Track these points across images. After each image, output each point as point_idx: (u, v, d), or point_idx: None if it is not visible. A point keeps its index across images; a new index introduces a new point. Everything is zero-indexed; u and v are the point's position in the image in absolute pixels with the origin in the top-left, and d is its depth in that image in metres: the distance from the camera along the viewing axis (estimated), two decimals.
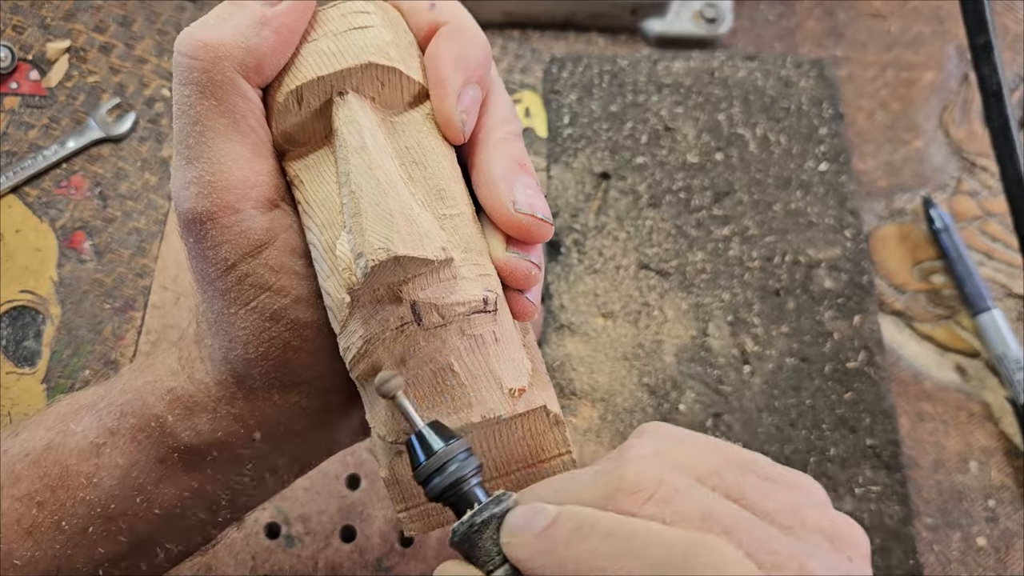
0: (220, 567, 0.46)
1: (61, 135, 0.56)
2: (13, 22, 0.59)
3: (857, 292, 0.53)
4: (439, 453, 0.27)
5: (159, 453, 0.31)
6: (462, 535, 0.26)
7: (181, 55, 0.28)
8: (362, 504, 0.48)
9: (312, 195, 0.29)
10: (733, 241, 0.54)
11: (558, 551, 0.24)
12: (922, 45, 0.63)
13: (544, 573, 0.24)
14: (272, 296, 0.29)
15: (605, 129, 0.57)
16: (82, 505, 0.31)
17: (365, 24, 0.29)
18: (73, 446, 0.31)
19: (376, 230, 0.26)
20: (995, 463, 0.50)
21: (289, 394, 0.31)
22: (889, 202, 0.58)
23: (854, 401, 0.50)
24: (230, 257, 0.29)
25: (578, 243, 0.54)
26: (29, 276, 0.53)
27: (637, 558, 0.23)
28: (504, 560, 0.26)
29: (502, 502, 0.27)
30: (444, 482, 0.27)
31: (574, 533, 0.24)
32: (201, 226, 0.28)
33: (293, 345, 0.30)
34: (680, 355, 0.51)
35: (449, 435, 0.27)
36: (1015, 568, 0.48)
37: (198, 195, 0.28)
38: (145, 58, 0.59)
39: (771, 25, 0.63)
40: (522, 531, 0.25)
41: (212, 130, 0.28)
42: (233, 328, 0.30)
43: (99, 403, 0.32)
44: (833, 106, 0.58)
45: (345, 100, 0.29)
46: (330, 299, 0.29)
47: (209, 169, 0.28)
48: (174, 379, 0.32)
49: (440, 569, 0.27)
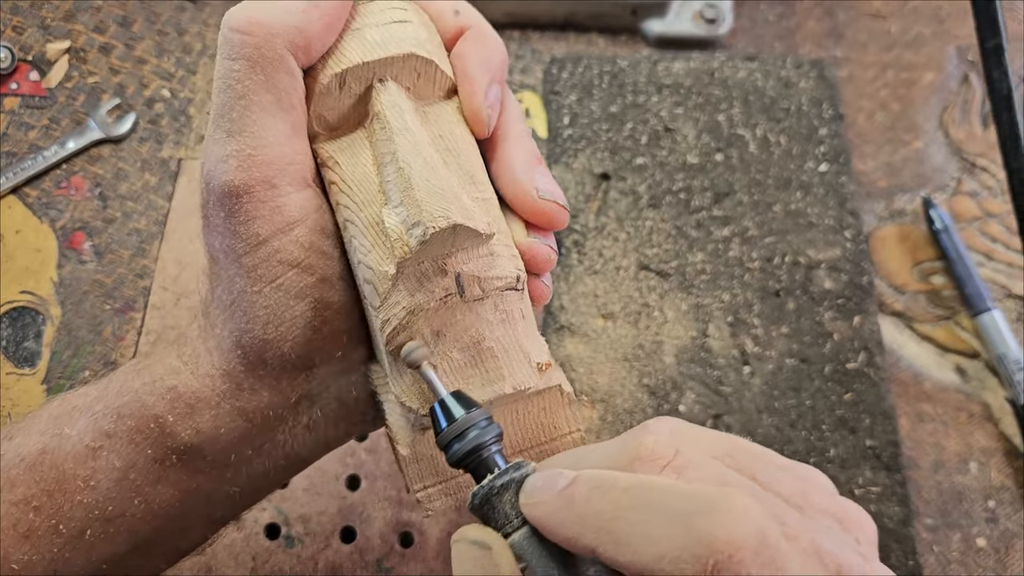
0: (220, 567, 0.46)
1: (61, 136, 0.56)
2: (13, 23, 0.59)
3: (857, 293, 0.53)
4: (460, 420, 0.28)
5: (157, 454, 0.31)
6: (482, 498, 0.27)
7: (232, 31, 0.29)
8: (362, 505, 0.48)
9: (349, 175, 0.31)
10: (733, 242, 0.54)
11: (577, 507, 0.24)
12: (922, 46, 0.63)
13: (563, 531, 0.25)
14: (299, 274, 0.30)
15: (605, 130, 0.57)
16: (79, 508, 0.31)
17: (404, 19, 0.31)
18: (69, 450, 0.31)
19: (432, 202, 0.28)
20: (995, 464, 0.50)
21: (297, 380, 0.32)
22: (889, 203, 0.58)
23: (854, 402, 0.50)
24: (262, 232, 0.29)
25: (578, 244, 0.54)
26: (29, 277, 0.53)
27: (658, 509, 0.23)
28: (523, 523, 0.26)
29: (521, 468, 0.27)
30: (464, 448, 0.28)
31: (594, 490, 0.24)
32: (236, 199, 0.29)
33: (313, 325, 0.31)
34: (680, 356, 0.51)
35: (471, 403, 0.28)
36: (1015, 569, 0.48)
37: (237, 168, 0.29)
38: (145, 59, 0.59)
39: (771, 25, 0.63)
40: (541, 492, 0.26)
41: (258, 105, 0.29)
42: (254, 307, 0.30)
43: (94, 405, 0.32)
44: (833, 107, 0.58)
45: (385, 86, 0.31)
46: (371, 273, 0.30)
47: (251, 143, 0.29)
48: (175, 377, 0.32)
49: (459, 532, 0.27)
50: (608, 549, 0.23)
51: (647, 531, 0.23)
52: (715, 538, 0.22)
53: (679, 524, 0.22)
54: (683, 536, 0.22)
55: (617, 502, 0.24)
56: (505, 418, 0.32)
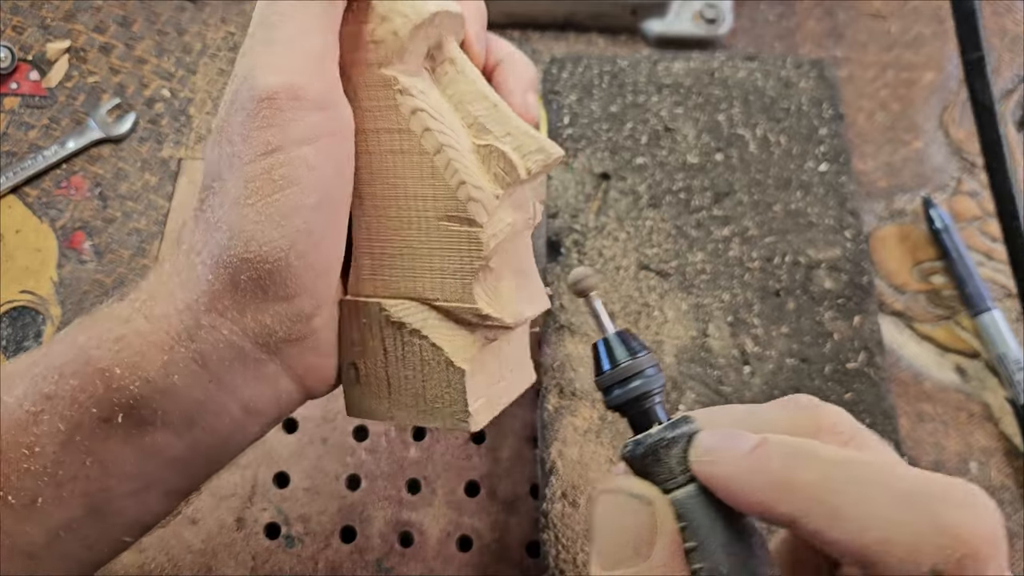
0: (220, 567, 0.46)
1: (61, 135, 0.56)
2: (13, 22, 0.59)
3: (857, 293, 0.53)
4: (627, 364, 0.27)
5: (103, 412, 0.30)
6: (649, 448, 0.26)
7: None
8: (362, 504, 0.48)
9: (435, 105, 0.33)
10: (733, 242, 0.54)
11: (775, 472, 0.23)
12: (922, 45, 0.63)
13: (752, 494, 0.23)
14: (298, 192, 0.30)
15: (605, 129, 0.57)
16: (27, 476, 0.29)
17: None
18: (7, 417, 0.30)
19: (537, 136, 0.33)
20: (995, 463, 0.50)
21: (262, 313, 0.31)
22: (889, 202, 0.58)
23: (854, 402, 0.50)
24: (273, 141, 0.30)
25: (578, 243, 0.54)
26: (29, 276, 0.53)
27: (885, 489, 0.22)
28: (689, 480, 0.25)
29: (690, 422, 0.26)
30: (629, 395, 0.27)
31: (793, 457, 0.23)
32: (258, 103, 0.30)
33: (297, 250, 0.30)
34: (680, 356, 0.51)
35: (638, 346, 0.28)
36: (1015, 568, 0.48)
37: (266, 72, 0.30)
38: (145, 59, 0.59)
39: (771, 25, 0.63)
40: (721, 451, 0.24)
41: (296, 20, 0.30)
42: (243, 221, 0.30)
43: (33, 368, 0.31)
44: (833, 107, 0.58)
45: (450, 38, 0.34)
46: (480, 192, 0.32)
47: (284, 52, 0.30)
48: (124, 326, 0.31)
49: (613, 482, 0.26)
50: (817, 521, 0.22)
51: (875, 510, 0.22)
52: (964, 529, 0.21)
53: (917, 509, 0.21)
54: (925, 523, 0.21)
55: (829, 474, 0.22)
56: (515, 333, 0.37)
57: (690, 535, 0.24)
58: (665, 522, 0.24)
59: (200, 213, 0.31)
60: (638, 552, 0.24)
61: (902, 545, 0.21)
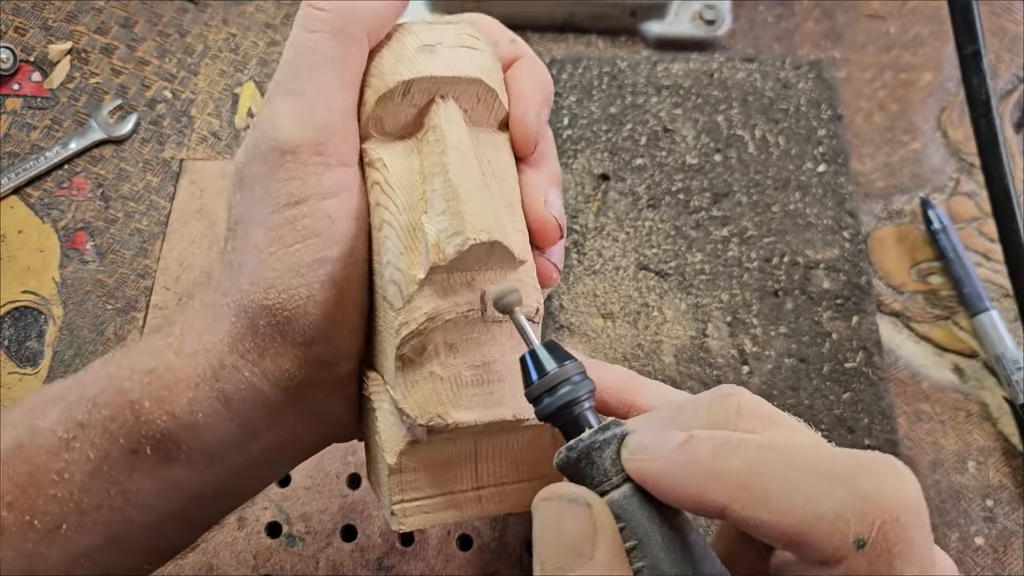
0: (221, 566, 0.46)
1: (63, 136, 0.57)
2: (15, 24, 0.60)
3: (855, 293, 0.53)
4: (553, 373, 0.27)
5: (131, 444, 0.31)
6: (581, 452, 0.26)
7: (317, 8, 0.30)
8: (363, 503, 0.48)
9: (395, 178, 0.31)
10: (732, 242, 0.54)
11: (703, 464, 0.24)
12: (920, 46, 0.63)
13: (684, 488, 0.24)
14: (319, 243, 0.30)
15: (604, 131, 0.57)
16: (54, 502, 0.30)
17: (476, 47, 0.33)
18: (41, 442, 0.30)
19: (476, 215, 0.29)
20: (993, 463, 0.51)
21: (282, 357, 0.31)
22: (887, 203, 0.58)
23: (852, 401, 0.50)
24: (296, 193, 0.30)
25: (578, 244, 0.54)
26: (31, 277, 0.53)
27: (806, 468, 0.22)
28: (623, 480, 0.25)
29: (620, 425, 0.27)
30: (556, 402, 0.27)
31: (722, 447, 0.24)
32: (281, 156, 0.30)
33: (316, 300, 0.30)
34: (679, 356, 0.51)
35: (564, 356, 0.28)
36: (1013, 568, 0.48)
37: (291, 124, 0.30)
38: (147, 60, 0.60)
39: (770, 27, 0.64)
40: (652, 448, 0.25)
41: (326, 75, 0.30)
42: (263, 268, 0.30)
43: (68, 395, 0.31)
44: (831, 107, 0.59)
45: (446, 103, 0.32)
46: (399, 275, 0.30)
47: (310, 105, 0.30)
48: (156, 359, 0.31)
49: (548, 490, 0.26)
50: (746, 507, 0.23)
51: (798, 489, 0.22)
52: (884, 497, 0.21)
53: (838, 483, 0.22)
54: (846, 495, 0.22)
55: (754, 459, 0.23)
56: (492, 445, 0.32)
57: (629, 534, 0.25)
58: (604, 523, 0.25)
59: (224, 255, 0.32)
60: (580, 555, 0.25)
61: (826, 519, 0.22)
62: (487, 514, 0.33)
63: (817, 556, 0.22)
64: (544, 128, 0.35)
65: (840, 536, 0.21)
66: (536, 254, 0.33)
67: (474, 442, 0.32)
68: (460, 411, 0.30)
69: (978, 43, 0.48)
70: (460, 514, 0.32)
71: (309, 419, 0.34)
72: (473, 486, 0.32)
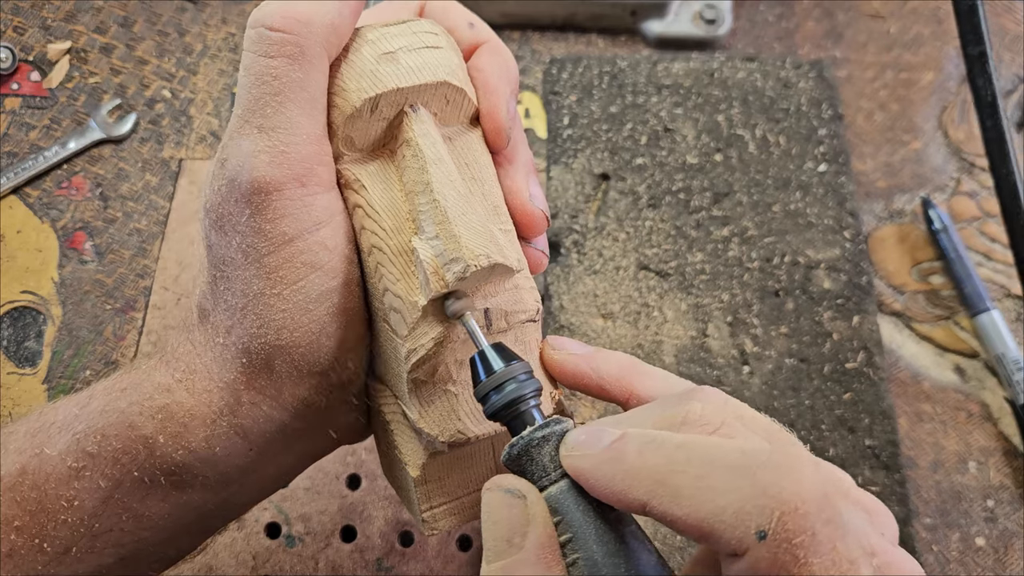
0: (221, 567, 0.46)
1: (62, 136, 0.57)
2: (14, 23, 0.59)
3: (856, 293, 0.53)
4: (499, 372, 0.28)
5: (144, 475, 0.30)
6: (521, 448, 0.27)
7: (271, 30, 0.28)
8: (362, 504, 0.48)
9: (376, 200, 0.30)
10: (732, 242, 0.54)
11: (628, 461, 0.24)
12: (921, 46, 0.63)
13: (610, 485, 0.25)
14: (322, 276, 0.30)
15: (605, 130, 0.57)
16: (64, 527, 0.30)
17: (437, 44, 0.31)
18: (50, 471, 0.30)
19: (471, 238, 0.28)
20: (994, 463, 0.51)
21: (299, 388, 0.31)
22: (888, 203, 0.58)
23: (853, 401, 0.50)
24: (289, 231, 0.29)
25: (578, 244, 0.54)
26: (30, 277, 0.53)
27: (717, 464, 0.23)
28: (561, 476, 0.26)
29: (561, 422, 0.27)
30: (502, 400, 0.27)
31: (646, 446, 0.24)
32: (265, 196, 0.29)
33: (327, 331, 0.30)
34: (679, 355, 0.51)
35: (511, 356, 0.28)
36: (1014, 568, 0.48)
37: (270, 163, 0.28)
38: (146, 59, 0.59)
39: (770, 26, 0.64)
40: (585, 446, 0.26)
41: (293, 102, 0.29)
42: (270, 310, 0.29)
43: (75, 424, 0.31)
44: (832, 107, 0.58)
45: (417, 114, 0.31)
46: (400, 302, 0.29)
47: (284, 139, 0.29)
48: (167, 396, 0.31)
49: (492, 481, 0.27)
50: (663, 503, 0.23)
51: (707, 484, 0.23)
52: (782, 489, 0.22)
53: (742, 477, 0.23)
54: (747, 488, 0.22)
55: (671, 457, 0.24)
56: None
57: (564, 528, 0.26)
58: (537, 514, 0.26)
59: (216, 294, 0.31)
60: (511, 543, 0.25)
61: (729, 511, 0.22)
62: None
63: (724, 548, 0.23)
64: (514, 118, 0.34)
65: (743, 528, 0.22)
66: (523, 244, 0.33)
67: (491, 442, 0.32)
68: (479, 425, 0.30)
69: (984, 43, 0.48)
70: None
71: (326, 435, 0.34)
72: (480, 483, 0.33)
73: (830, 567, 0.22)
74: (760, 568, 0.22)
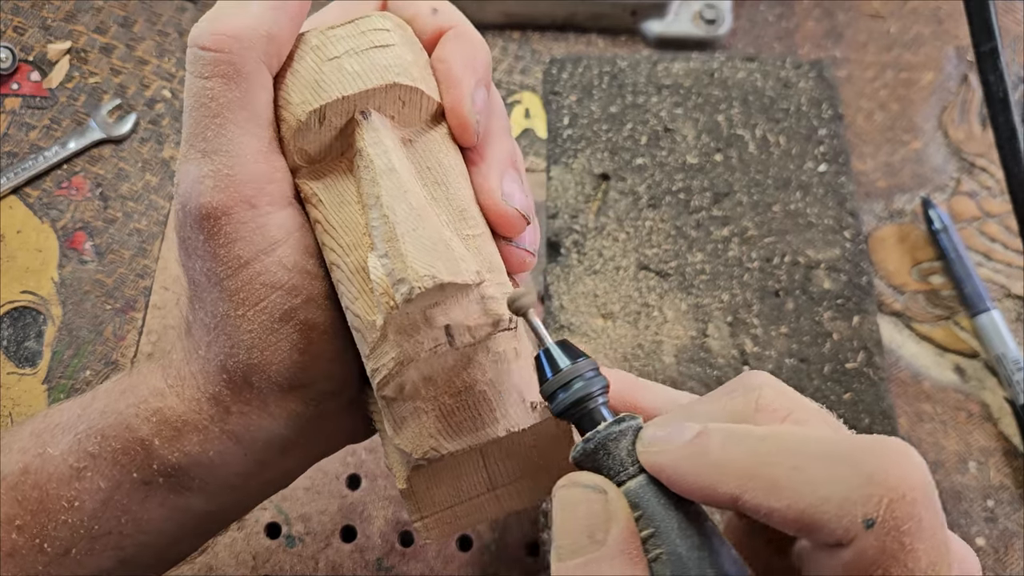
0: (221, 567, 0.46)
1: (62, 136, 0.57)
2: (14, 23, 0.59)
3: (856, 293, 0.53)
4: (565, 370, 0.27)
5: (144, 476, 0.30)
6: (597, 443, 0.26)
7: (203, 50, 0.27)
8: (362, 504, 0.48)
9: (333, 216, 0.29)
10: (732, 242, 0.54)
11: (714, 455, 0.24)
12: (921, 46, 0.63)
13: (696, 479, 0.24)
14: (284, 295, 0.29)
15: (605, 130, 0.57)
16: (64, 528, 0.30)
17: (386, 43, 0.29)
18: (52, 470, 0.30)
19: (418, 257, 0.27)
20: (994, 463, 0.51)
21: (286, 401, 0.31)
22: (888, 203, 0.58)
23: (853, 402, 0.50)
24: (244, 254, 0.28)
25: (578, 244, 0.54)
26: (30, 277, 0.53)
27: (813, 454, 0.23)
28: (639, 470, 0.26)
29: (635, 418, 0.27)
30: (570, 398, 0.27)
31: (730, 439, 0.24)
32: (215, 221, 0.28)
33: (299, 348, 0.30)
34: (680, 356, 0.51)
35: (576, 353, 0.28)
36: (1014, 568, 0.48)
37: (215, 188, 0.28)
38: (146, 59, 0.59)
39: (770, 26, 0.64)
40: (665, 440, 0.25)
41: (233, 123, 0.28)
42: (238, 331, 0.29)
43: (77, 425, 0.31)
44: (832, 107, 0.58)
45: (369, 121, 0.29)
46: (359, 321, 0.29)
47: (228, 162, 0.28)
48: (160, 400, 0.31)
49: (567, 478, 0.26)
50: (756, 496, 0.23)
51: (806, 475, 0.22)
52: (889, 476, 0.22)
53: (844, 466, 0.22)
54: (852, 477, 0.22)
55: (759, 450, 0.23)
56: (497, 449, 0.31)
57: (645, 523, 0.25)
58: (618, 510, 0.25)
59: (193, 311, 0.31)
60: (593, 539, 0.25)
61: (834, 501, 0.22)
62: (508, 511, 0.33)
63: (828, 539, 0.22)
64: (490, 107, 0.31)
65: (849, 517, 0.22)
66: (503, 243, 0.31)
67: (479, 451, 0.31)
68: (451, 440, 0.29)
69: (995, 39, 0.48)
70: (482, 516, 0.32)
71: (323, 441, 0.34)
72: (488, 488, 0.32)
73: (931, 552, 0.22)
74: (867, 556, 0.22)
